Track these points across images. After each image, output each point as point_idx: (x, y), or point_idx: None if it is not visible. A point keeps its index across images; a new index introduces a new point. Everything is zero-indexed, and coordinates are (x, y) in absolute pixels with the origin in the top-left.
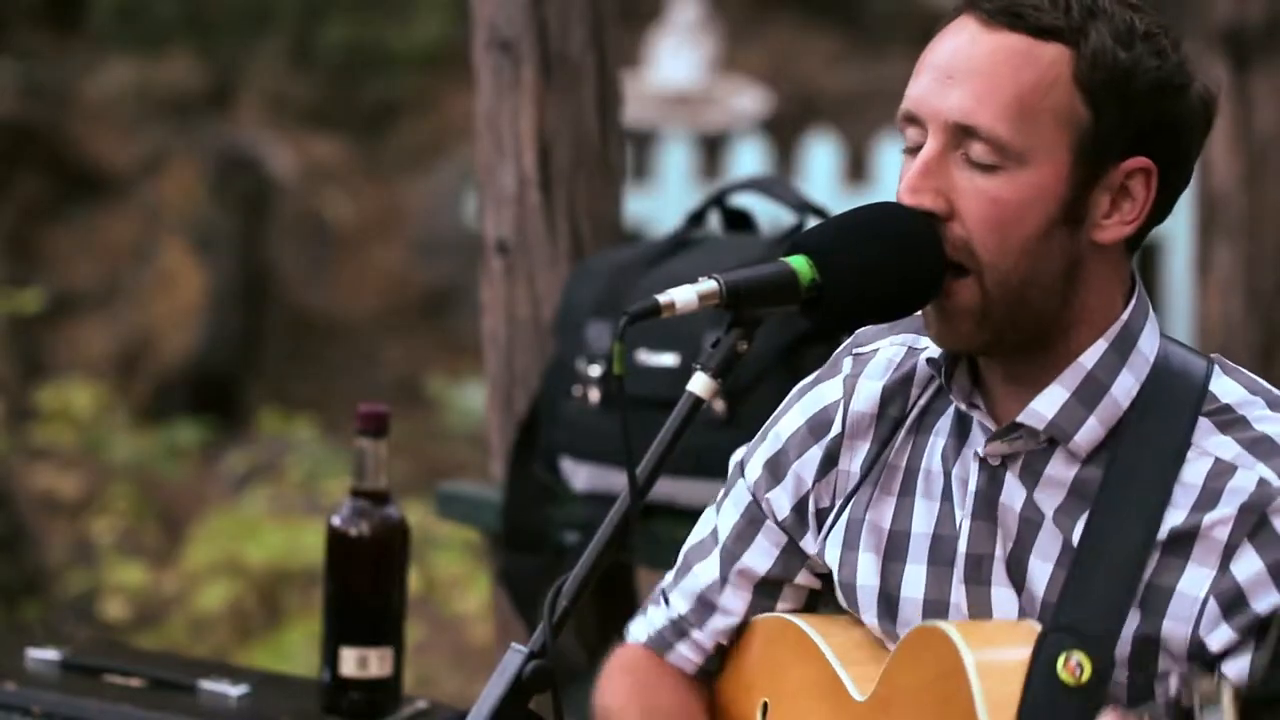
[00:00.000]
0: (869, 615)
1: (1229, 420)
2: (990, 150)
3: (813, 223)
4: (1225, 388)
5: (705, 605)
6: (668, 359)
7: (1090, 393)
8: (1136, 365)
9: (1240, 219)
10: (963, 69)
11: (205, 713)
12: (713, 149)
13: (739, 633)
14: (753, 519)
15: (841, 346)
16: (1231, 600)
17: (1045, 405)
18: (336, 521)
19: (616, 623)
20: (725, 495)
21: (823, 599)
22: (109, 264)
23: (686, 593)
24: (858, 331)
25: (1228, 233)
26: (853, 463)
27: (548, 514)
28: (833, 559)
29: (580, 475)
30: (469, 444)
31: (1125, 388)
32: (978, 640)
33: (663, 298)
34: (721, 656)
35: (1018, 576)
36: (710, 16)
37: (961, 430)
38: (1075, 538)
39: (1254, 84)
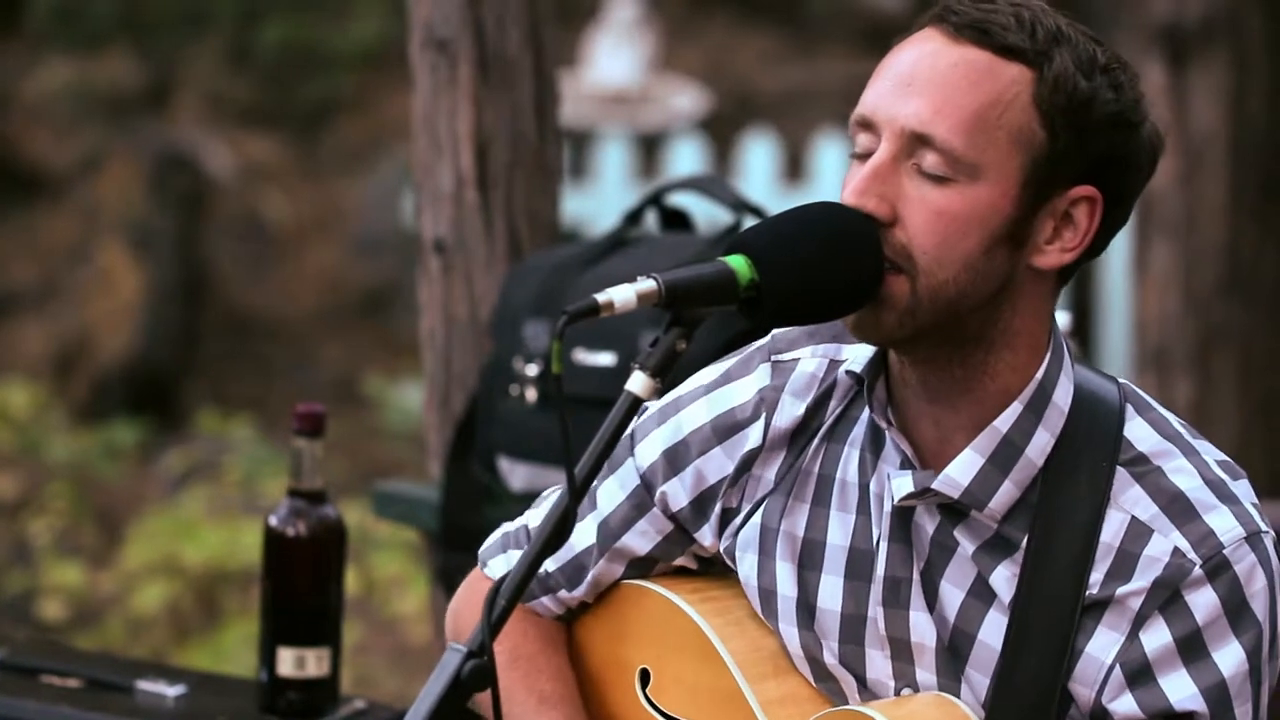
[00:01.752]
0: (788, 625)
1: (1145, 472)
2: (943, 161)
3: (750, 222)
4: (1139, 434)
5: (577, 569)
6: (605, 358)
7: (1005, 457)
8: (1051, 420)
9: (1177, 218)
10: (923, 78)
11: (142, 713)
12: (650, 148)
13: (608, 590)
14: (639, 503)
15: (757, 346)
16: (1137, 670)
17: (960, 473)
18: (273, 521)
19: None
20: (612, 472)
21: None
22: (47, 264)
23: (557, 554)
24: (774, 333)
25: (1165, 231)
26: (767, 470)
27: (485, 513)
28: (747, 562)
29: (518, 474)
30: (407, 443)
31: (1040, 446)
32: None
33: (601, 297)
34: (583, 609)
35: (930, 598)
36: (648, 16)
37: (876, 443)
38: (996, 583)
39: (1191, 82)
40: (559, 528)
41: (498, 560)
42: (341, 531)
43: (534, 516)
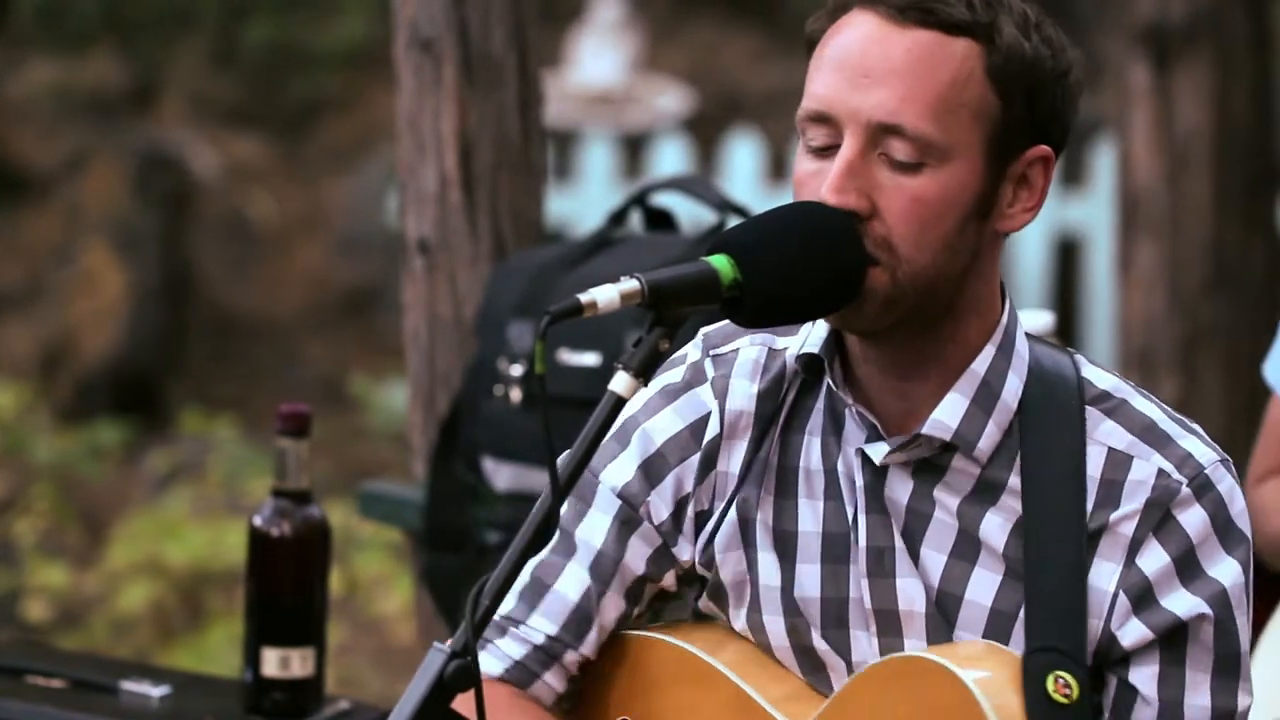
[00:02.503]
0: (774, 614)
1: (1113, 406)
2: (914, 149)
3: (734, 222)
4: (1096, 375)
5: (582, 619)
6: (589, 358)
7: (986, 398)
8: (1018, 366)
9: (1162, 217)
10: (880, 68)
11: (127, 713)
12: (634, 148)
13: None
14: (626, 520)
15: (692, 350)
16: (1140, 593)
17: (948, 415)
18: (258, 521)
19: None
20: (584, 508)
21: (669, 604)
22: (31, 264)
23: (553, 614)
24: (704, 333)
25: (1150, 230)
26: (730, 463)
27: (470, 513)
28: (731, 560)
29: (502, 475)
30: (391, 443)
31: (1013, 389)
32: (968, 666)
33: (584, 297)
34: (583, 674)
35: (914, 563)
36: (632, 16)
37: (835, 426)
38: (986, 534)
39: (1175, 82)
40: (542, 526)
41: (482, 656)
42: (326, 532)
43: (510, 608)
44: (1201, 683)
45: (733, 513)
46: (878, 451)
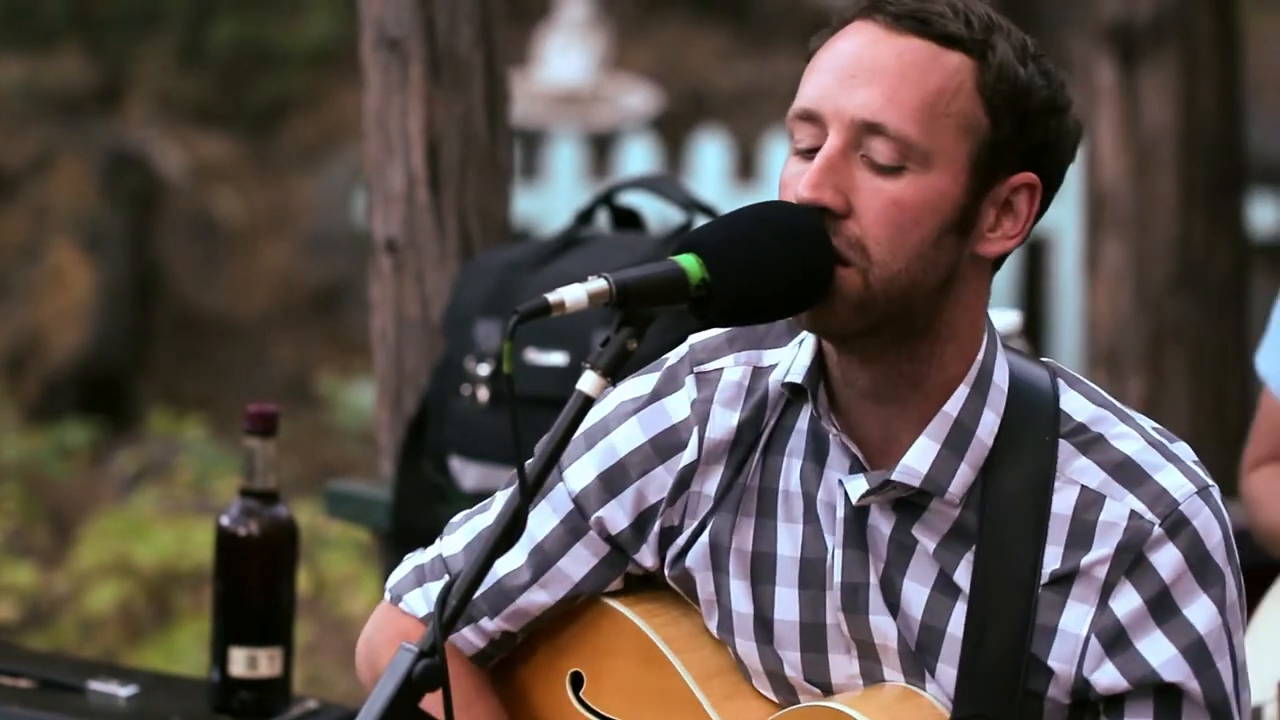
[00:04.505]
0: (745, 640)
1: (1087, 441)
2: (895, 150)
3: (701, 221)
4: (1074, 405)
5: (503, 596)
6: (557, 358)
7: (958, 439)
8: (995, 401)
9: (1129, 215)
10: (868, 69)
11: (94, 713)
12: (602, 147)
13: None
14: (573, 528)
15: (677, 358)
16: (1113, 637)
17: (917, 460)
18: (225, 521)
19: None
20: (543, 496)
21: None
22: None
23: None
24: (691, 342)
25: (1116, 229)
26: (706, 485)
27: (437, 513)
28: (703, 580)
29: (469, 474)
30: (359, 443)
31: (988, 426)
32: (880, 716)
33: (552, 296)
34: (509, 641)
35: (892, 599)
36: (599, 15)
37: (819, 451)
38: (959, 577)
39: (1141, 80)
40: (510, 527)
41: (414, 594)
42: (293, 531)
43: (449, 544)
44: None
45: (705, 536)
46: (856, 489)
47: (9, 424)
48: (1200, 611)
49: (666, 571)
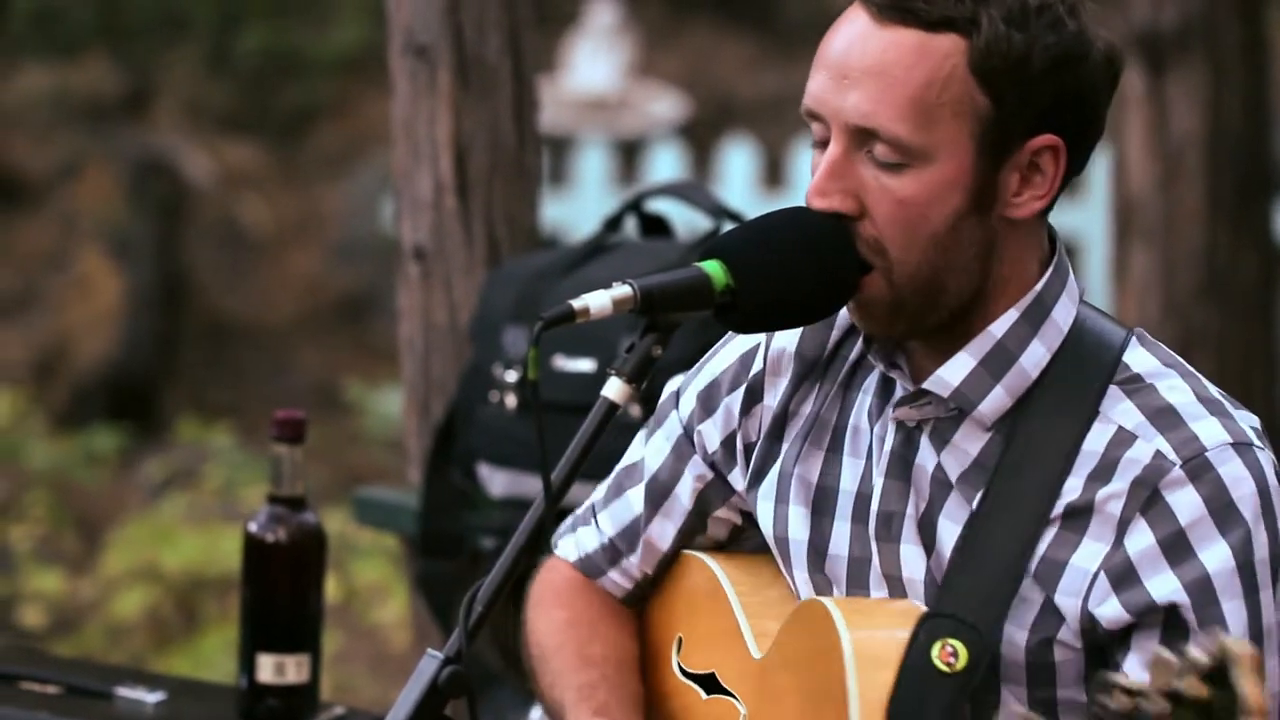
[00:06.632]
0: (799, 569)
1: (1137, 388)
2: (893, 150)
3: (729, 228)
4: (1139, 358)
5: (633, 535)
6: (584, 364)
7: (998, 362)
8: (1048, 335)
9: (1157, 223)
10: (857, 69)
11: None
12: (630, 154)
13: (669, 563)
14: (680, 453)
15: None
16: (1122, 573)
17: (951, 373)
18: (253, 528)
19: None
20: (657, 425)
21: (746, 534)
22: (25, 270)
23: (617, 519)
24: None
25: (1144, 236)
26: (774, 398)
27: (464, 519)
28: (765, 513)
29: (497, 481)
30: (387, 450)
31: (1035, 358)
32: (858, 620)
33: (577, 303)
34: (650, 583)
35: (928, 537)
36: (627, 22)
37: (886, 390)
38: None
39: (1169, 87)
40: (535, 532)
41: (566, 540)
42: (321, 538)
43: (597, 492)
44: None
45: (778, 465)
46: (895, 410)
47: (38, 431)
48: (1214, 554)
49: (744, 494)
